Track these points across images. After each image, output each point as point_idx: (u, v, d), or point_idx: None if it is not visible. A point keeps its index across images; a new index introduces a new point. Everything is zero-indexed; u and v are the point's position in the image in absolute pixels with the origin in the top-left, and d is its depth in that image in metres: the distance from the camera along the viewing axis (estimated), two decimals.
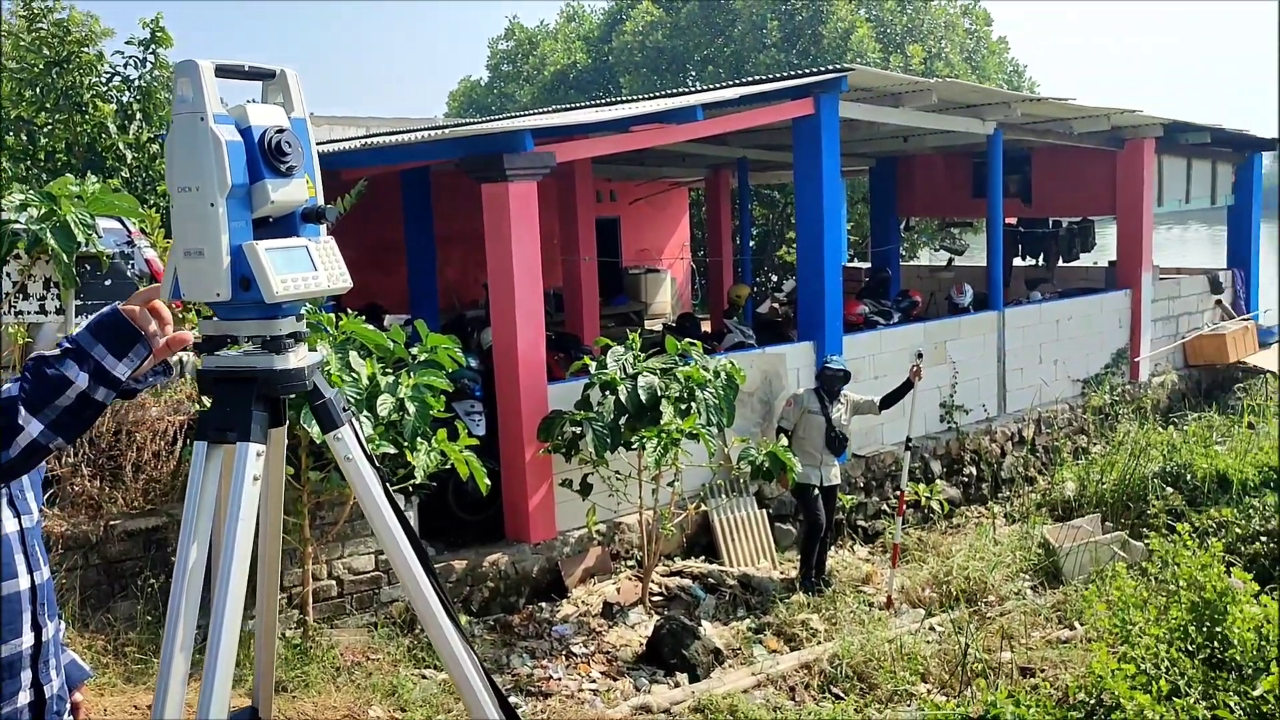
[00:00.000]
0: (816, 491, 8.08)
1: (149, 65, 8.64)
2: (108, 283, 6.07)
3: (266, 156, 1.69)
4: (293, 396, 1.79)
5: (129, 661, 5.49)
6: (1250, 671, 4.77)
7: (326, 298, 4.50)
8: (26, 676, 1.83)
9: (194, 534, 1.61)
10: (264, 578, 1.87)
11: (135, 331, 1.68)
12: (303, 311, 1.79)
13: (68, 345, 1.68)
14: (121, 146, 8.43)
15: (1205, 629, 4.98)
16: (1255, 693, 4.60)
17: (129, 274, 6.24)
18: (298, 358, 1.78)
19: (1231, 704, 4.58)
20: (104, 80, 8.77)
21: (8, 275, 5.78)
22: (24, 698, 1.82)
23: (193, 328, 1.78)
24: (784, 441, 7.94)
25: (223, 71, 1.67)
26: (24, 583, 1.81)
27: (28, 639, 1.83)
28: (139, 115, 8.64)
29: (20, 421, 1.60)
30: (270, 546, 1.84)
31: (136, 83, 8.85)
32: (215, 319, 1.75)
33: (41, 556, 1.88)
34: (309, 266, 1.74)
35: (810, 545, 8.11)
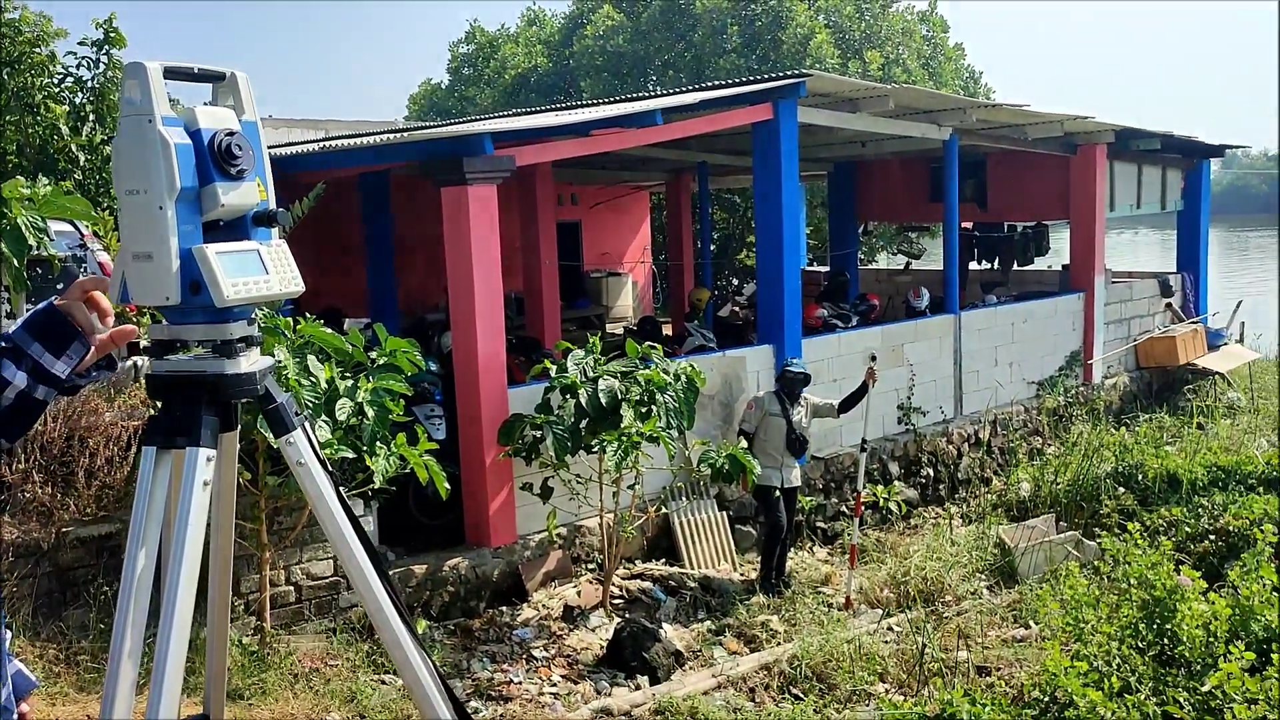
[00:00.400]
0: (777, 493, 8.13)
1: (102, 66, 8.52)
2: (60, 286, 5.97)
3: (217, 159, 1.68)
4: (245, 401, 1.78)
5: (82, 670, 5.42)
6: (1199, 667, 4.86)
7: (285, 301, 4.48)
8: None
9: (142, 540, 1.60)
10: (216, 583, 1.86)
11: (72, 329, 1.67)
12: (254, 315, 1.79)
13: (3, 344, 1.66)
14: (74, 148, 8.30)
15: (1155, 626, 5.07)
16: (1204, 688, 4.69)
17: (82, 277, 6.16)
18: (249, 362, 1.77)
19: (1181, 699, 4.67)
20: (56, 81, 8.63)
21: None
22: None
23: (144, 331, 1.76)
24: (744, 444, 7.98)
25: (171, 73, 1.66)
26: None
27: None
28: (92, 117, 8.51)
29: None
30: (222, 552, 1.83)
31: (89, 84, 8.71)
32: (165, 323, 1.73)
33: None
34: (260, 270, 1.73)
35: (771, 547, 8.16)
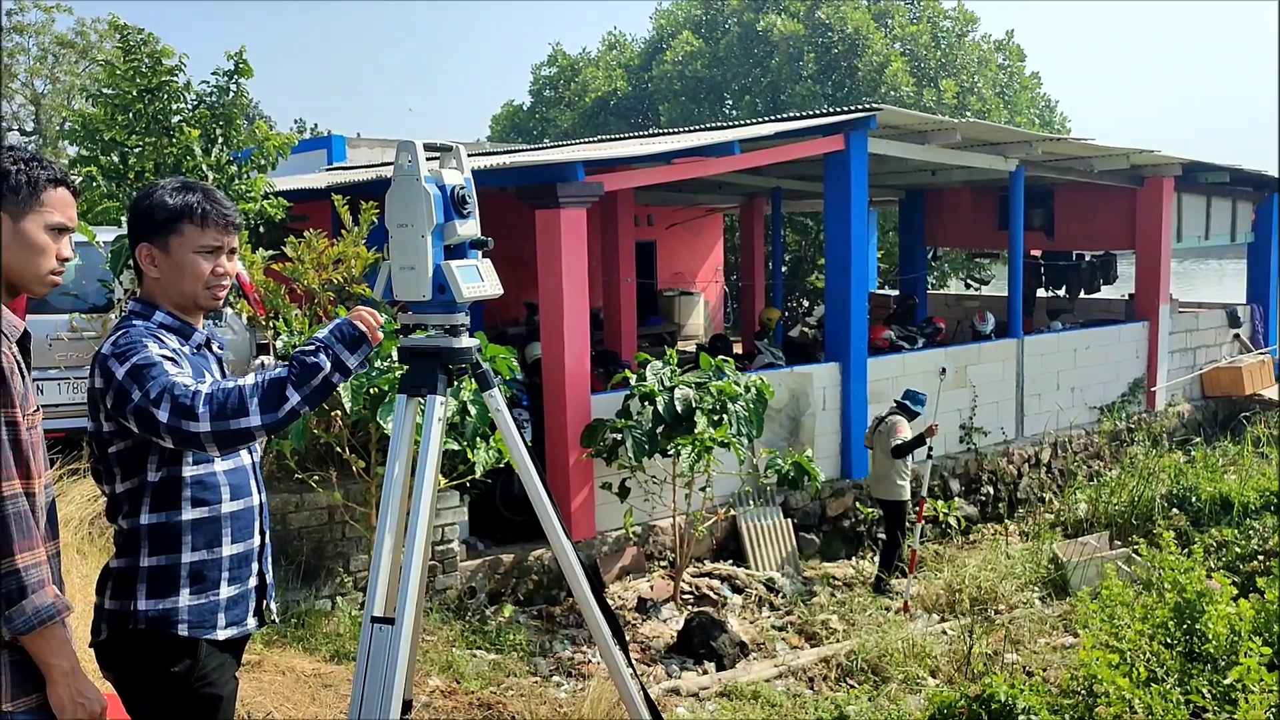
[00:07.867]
0: None
1: (231, 94, 9.33)
2: None
3: (455, 204, 2.45)
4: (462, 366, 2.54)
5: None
6: (1223, 663, 5.29)
7: None
8: (254, 567, 2.53)
9: (398, 456, 2.36)
10: (422, 498, 2.53)
11: (363, 334, 2.39)
12: (467, 310, 2.50)
13: (318, 343, 2.37)
14: (205, 168, 9.07)
15: (1185, 626, 5.50)
16: (1226, 681, 5.11)
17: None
18: (467, 339, 2.56)
19: (1204, 690, 5.10)
20: (191, 107, 9.45)
21: (120, 282, 6.51)
22: (253, 582, 2.52)
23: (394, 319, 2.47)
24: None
25: (426, 147, 2.38)
26: (255, 500, 2.50)
27: (256, 540, 2.53)
28: (220, 139, 9.31)
29: (288, 394, 2.28)
30: (429, 472, 2.52)
31: (219, 110, 9.51)
32: (410, 312, 2.49)
33: (262, 482, 2.55)
34: (479, 279, 2.52)
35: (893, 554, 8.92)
